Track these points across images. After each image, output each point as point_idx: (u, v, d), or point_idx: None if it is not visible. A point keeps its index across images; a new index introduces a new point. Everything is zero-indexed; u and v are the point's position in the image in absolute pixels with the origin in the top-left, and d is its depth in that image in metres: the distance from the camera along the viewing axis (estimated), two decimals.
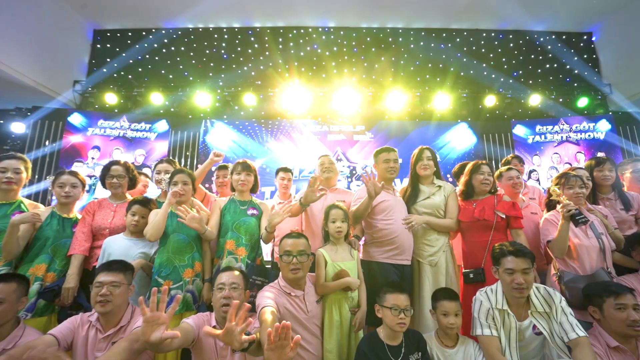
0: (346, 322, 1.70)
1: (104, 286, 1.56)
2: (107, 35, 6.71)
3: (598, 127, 5.87)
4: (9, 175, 1.90)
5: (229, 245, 2.00)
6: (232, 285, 1.61)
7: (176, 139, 6.03)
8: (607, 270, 1.86)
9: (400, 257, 1.99)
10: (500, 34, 6.74)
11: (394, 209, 2.03)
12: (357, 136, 6.09)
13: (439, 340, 1.65)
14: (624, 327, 1.47)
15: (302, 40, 6.63)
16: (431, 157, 2.22)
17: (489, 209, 2.05)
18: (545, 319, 1.58)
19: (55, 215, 1.99)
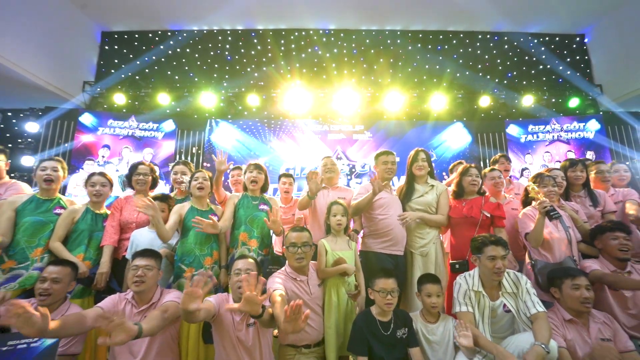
0: (343, 303, 1.99)
1: (139, 269, 1.84)
2: (114, 37, 6.95)
3: (588, 126, 6.13)
4: (49, 172, 2.18)
5: (242, 237, 2.29)
6: (247, 270, 1.88)
7: (182, 138, 6.30)
8: (573, 259, 2.14)
9: (394, 248, 2.27)
10: (495, 37, 6.97)
11: (390, 205, 2.31)
12: (356, 135, 6.36)
13: (423, 318, 1.93)
14: (578, 304, 1.75)
15: (303, 43, 6.88)
16: (425, 159, 2.49)
17: (477, 208, 2.34)
18: (514, 299, 1.86)
19: (89, 211, 2.27)
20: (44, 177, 2.17)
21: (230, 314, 1.79)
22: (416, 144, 6.12)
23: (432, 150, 6.27)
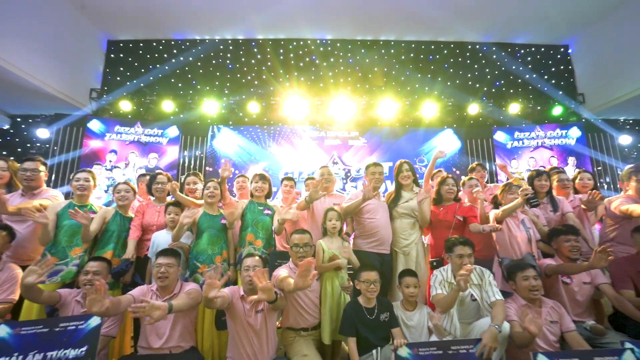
0: (337, 293, 2.35)
1: (162, 266, 2.19)
2: (120, 45, 7.28)
3: (570, 133, 6.54)
4: (82, 183, 2.53)
5: (249, 237, 2.65)
6: (255, 267, 2.24)
7: (186, 144, 6.66)
8: (532, 255, 2.52)
9: (380, 247, 2.64)
10: (484, 47, 7.38)
11: (377, 210, 2.68)
12: (351, 141, 6.74)
13: (403, 306, 2.31)
14: (527, 292, 2.13)
15: (301, 52, 7.25)
16: (409, 169, 2.87)
17: (451, 213, 2.72)
18: (479, 289, 2.24)
19: (117, 214, 2.63)
20: (77, 187, 2.52)
21: (242, 302, 2.15)
22: (409, 150, 6.63)
23: (423, 156, 6.67)
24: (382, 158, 6.64)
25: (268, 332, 2.13)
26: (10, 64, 5.34)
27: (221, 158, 6.55)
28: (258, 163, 6.55)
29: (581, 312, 2.37)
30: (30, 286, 1.89)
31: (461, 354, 1.89)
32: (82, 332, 1.89)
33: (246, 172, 6.35)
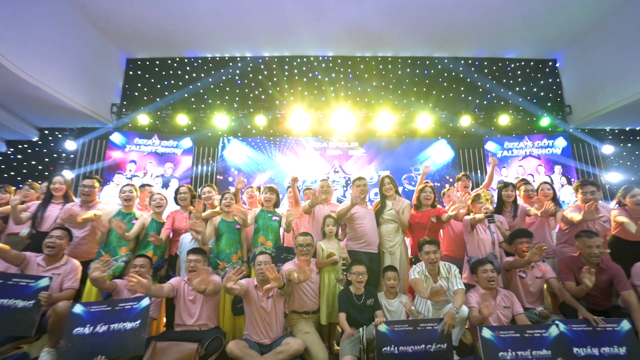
0: (332, 284, 2.93)
1: (192, 262, 2.79)
2: (138, 63, 7.99)
3: (556, 143, 7.06)
4: (127, 195, 3.17)
5: (261, 239, 3.24)
6: (266, 262, 2.83)
7: (199, 154, 7.31)
8: (494, 254, 3.07)
9: (368, 248, 3.21)
10: (476, 62, 7.95)
11: (364, 217, 3.26)
12: (351, 151, 7.33)
13: (385, 295, 2.88)
14: (485, 282, 2.68)
15: (304, 68, 7.89)
16: (390, 182, 3.45)
17: (426, 217, 3.29)
18: (447, 281, 2.80)
19: (153, 221, 3.24)
20: (124, 198, 3.16)
21: (255, 290, 2.74)
22: (405, 159, 7.21)
23: (419, 165, 7.23)
24: (380, 167, 7.22)
25: (277, 314, 2.72)
26: (42, 82, 5.96)
27: (231, 167, 7.18)
28: (265, 172, 7.17)
29: (533, 301, 2.92)
30: (96, 279, 2.52)
31: (427, 330, 2.45)
32: (136, 310, 2.50)
33: (254, 180, 7.01)
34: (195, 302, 2.75)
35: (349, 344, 2.57)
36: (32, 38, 5.73)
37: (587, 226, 2.91)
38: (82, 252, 3.09)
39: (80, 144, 6.99)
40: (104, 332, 2.40)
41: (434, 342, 2.43)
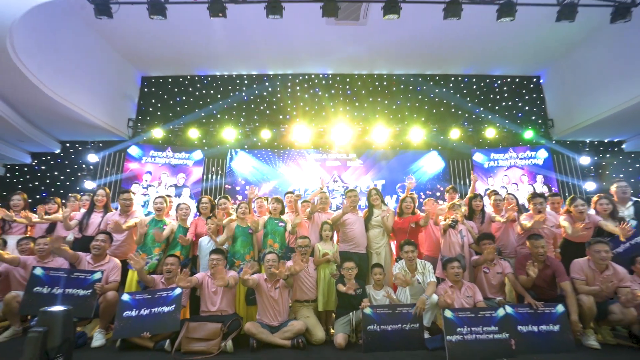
0: (327, 278, 3.59)
1: (214, 260, 3.47)
2: (152, 81, 8.77)
3: (538, 155, 7.73)
4: (159, 206, 3.87)
5: (269, 242, 3.92)
6: (273, 261, 3.50)
7: (209, 165, 8.03)
8: (462, 255, 3.73)
9: (357, 249, 3.88)
10: (465, 78, 8.67)
11: (354, 223, 3.93)
12: (349, 162, 8.03)
13: (373, 287, 3.54)
14: (452, 277, 3.33)
15: (306, 85, 8.63)
16: (377, 194, 4.14)
17: (407, 222, 3.97)
18: (422, 276, 3.46)
19: (180, 227, 3.94)
20: (156, 208, 3.86)
21: (265, 283, 3.40)
22: (399, 169, 7.90)
23: (412, 174, 7.91)
24: (376, 177, 7.91)
25: (283, 302, 3.39)
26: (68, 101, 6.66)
27: (238, 177, 7.90)
28: (269, 181, 7.87)
29: (495, 292, 3.57)
30: (140, 270, 3.21)
31: (403, 313, 3.12)
32: (171, 297, 3.18)
33: (259, 189, 7.70)
34: (217, 293, 3.42)
35: (341, 325, 3.24)
36: (62, 61, 6.47)
37: (537, 231, 3.57)
38: (121, 253, 3.78)
39: (100, 157, 7.72)
40: (147, 314, 3.08)
41: (408, 322, 3.09)
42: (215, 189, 7.90)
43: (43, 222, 4.05)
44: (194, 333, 3.02)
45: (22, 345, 2.15)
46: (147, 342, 3.04)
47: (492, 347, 2.81)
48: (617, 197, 3.94)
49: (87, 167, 7.91)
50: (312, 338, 3.21)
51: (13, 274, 3.60)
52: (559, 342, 2.97)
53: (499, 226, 4.11)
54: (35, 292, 3.06)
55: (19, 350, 2.18)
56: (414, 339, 3.06)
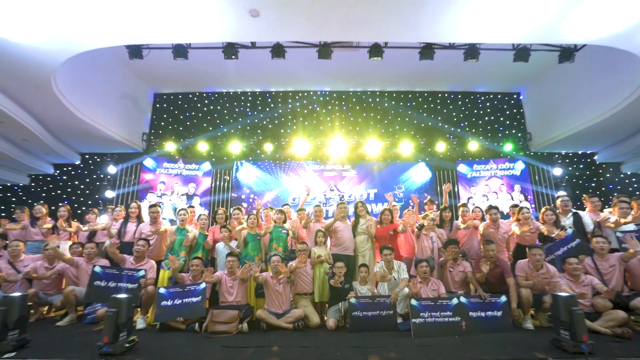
0: (321, 276, 4.51)
1: (230, 261, 4.40)
2: (164, 97, 9.71)
3: (515, 166, 8.66)
4: (183, 217, 4.80)
5: (274, 246, 4.85)
6: (277, 261, 4.42)
7: (217, 175, 8.95)
8: (432, 257, 4.65)
9: (346, 252, 4.81)
10: (452, 95, 9.61)
11: (344, 230, 4.86)
12: (345, 173, 8.95)
13: (359, 283, 4.46)
14: (422, 274, 4.26)
15: (305, 102, 9.57)
16: (362, 206, 5.07)
17: (386, 231, 4.90)
18: (397, 274, 4.39)
19: (201, 234, 4.87)
20: (181, 219, 4.79)
21: (271, 279, 4.33)
22: (390, 179, 8.84)
23: (401, 184, 8.84)
24: (369, 186, 8.84)
25: (286, 294, 4.31)
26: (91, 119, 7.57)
27: (243, 186, 8.83)
28: (272, 190, 8.79)
29: (457, 287, 4.49)
30: (175, 269, 4.14)
31: (381, 302, 4.04)
32: (198, 290, 4.10)
33: (262, 198, 8.61)
34: (232, 287, 4.34)
35: (333, 312, 4.17)
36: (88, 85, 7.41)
37: (489, 237, 4.50)
38: (154, 255, 4.72)
39: (119, 168, 8.65)
40: (179, 303, 4.00)
41: (385, 310, 4.02)
42: (222, 197, 8.83)
43: (89, 231, 4.99)
44: (217, 318, 3.94)
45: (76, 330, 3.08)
46: (180, 325, 3.97)
47: (447, 327, 3.74)
48: (560, 208, 4.88)
49: (105, 177, 8.85)
50: (309, 322, 4.13)
51: (67, 272, 4.54)
52: (500, 324, 3.89)
53: (464, 233, 5.04)
54: (95, 285, 3.99)
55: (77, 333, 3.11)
56: (389, 323, 3.98)
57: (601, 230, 4.58)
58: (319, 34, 5.02)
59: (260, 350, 3.25)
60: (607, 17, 4.60)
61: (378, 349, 3.26)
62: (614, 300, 3.85)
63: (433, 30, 4.78)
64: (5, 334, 3.12)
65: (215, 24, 4.69)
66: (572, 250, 4.47)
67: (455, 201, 8.61)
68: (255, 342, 3.50)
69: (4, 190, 9.18)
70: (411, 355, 3.09)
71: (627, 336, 3.46)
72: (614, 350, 3.12)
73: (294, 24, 4.56)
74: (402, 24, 4.58)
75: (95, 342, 3.10)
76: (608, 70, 7.14)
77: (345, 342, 3.49)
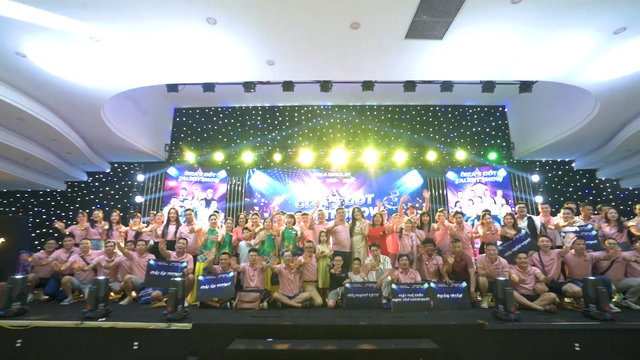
0: (324, 267, 5.80)
1: (252, 256, 5.72)
2: (183, 112, 11.06)
3: (498, 173, 9.88)
4: (213, 221, 6.13)
5: (286, 244, 6.16)
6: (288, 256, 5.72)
7: (231, 182, 10.29)
8: (412, 252, 5.92)
9: (344, 249, 6.09)
10: (442, 108, 10.84)
11: (342, 231, 6.16)
12: (345, 179, 10.23)
13: (353, 272, 5.74)
14: (402, 266, 5.52)
15: (309, 115, 10.86)
16: (358, 211, 6.35)
17: (377, 232, 6.18)
18: (383, 265, 5.67)
19: (227, 234, 6.19)
20: (211, 222, 6.12)
21: (284, 269, 5.63)
22: (385, 185, 10.13)
23: (396, 189, 10.09)
24: (366, 191, 10.12)
25: (296, 281, 5.62)
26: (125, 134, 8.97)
27: (255, 192, 10.15)
28: (280, 195, 10.10)
29: (431, 276, 5.76)
30: (210, 262, 5.48)
31: (369, 287, 5.33)
32: (227, 278, 5.42)
33: (272, 202, 9.92)
34: (254, 276, 5.65)
35: (332, 295, 5.49)
36: (122, 105, 8.76)
37: (456, 237, 5.77)
38: (190, 251, 6.06)
39: (146, 177, 10.02)
40: (214, 287, 5.32)
41: (372, 293, 5.30)
42: (237, 202, 10.16)
43: (137, 231, 6.35)
44: (243, 298, 5.25)
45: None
46: (216, 304, 5.30)
47: (419, 305, 5.01)
48: (518, 214, 6.13)
49: (132, 184, 10.24)
50: (314, 303, 5.44)
51: (123, 264, 5.89)
52: (461, 304, 5.15)
53: (440, 233, 6.31)
54: (151, 274, 5.34)
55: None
56: (375, 302, 5.26)
57: (546, 231, 5.83)
58: (320, 76, 6.30)
59: (278, 319, 4.56)
60: (550, 62, 5.85)
61: (365, 319, 4.55)
62: (549, 285, 5.11)
63: (411, 72, 6.05)
64: (97, 306, 4.46)
65: (240, 70, 6.02)
66: (524, 247, 5.71)
67: (443, 206, 9.88)
68: (273, 315, 4.81)
69: (45, 195, 10.61)
70: (387, 321, 4.39)
71: (552, 311, 4.72)
72: (536, 319, 4.38)
73: (301, 70, 5.85)
74: (386, 68, 5.86)
75: (158, 313, 4.44)
76: (570, 92, 8.33)
77: (342, 315, 4.79)
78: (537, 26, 4.79)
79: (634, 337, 4.08)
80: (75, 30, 4.88)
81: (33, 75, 5.82)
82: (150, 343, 4.20)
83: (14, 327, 4.23)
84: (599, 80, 6.16)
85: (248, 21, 4.61)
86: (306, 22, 4.61)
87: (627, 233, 5.70)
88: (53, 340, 4.24)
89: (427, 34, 4.85)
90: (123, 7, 4.52)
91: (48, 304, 5.60)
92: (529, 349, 4.05)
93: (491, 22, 4.68)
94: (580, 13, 4.44)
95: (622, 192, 10.21)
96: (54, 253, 5.84)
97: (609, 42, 5.04)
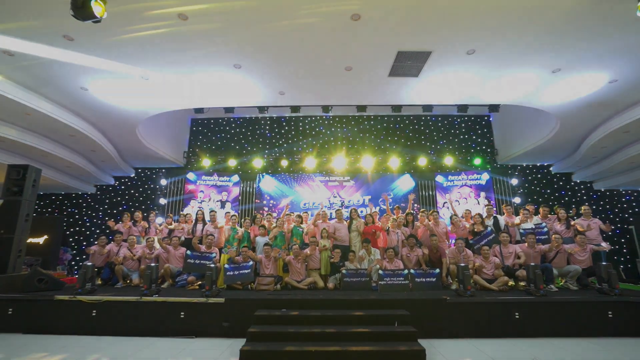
0: (326, 258, 7.26)
1: (266, 249, 7.20)
2: (199, 122, 12.55)
3: (482, 177, 11.28)
4: (234, 219, 7.60)
5: (295, 239, 7.64)
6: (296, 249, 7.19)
7: (243, 186, 11.77)
8: (398, 246, 7.35)
9: (342, 243, 7.52)
10: (432, 118, 12.24)
11: (341, 229, 7.60)
12: (345, 183, 11.68)
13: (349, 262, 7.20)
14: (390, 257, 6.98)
15: (313, 124, 12.30)
16: (355, 212, 7.80)
17: (370, 229, 7.64)
18: (373, 256, 7.12)
19: (245, 231, 7.67)
20: (232, 222, 7.60)
21: (293, 259, 7.10)
22: (381, 188, 11.63)
23: (390, 192, 11.53)
24: (364, 193, 11.56)
25: (302, 269, 7.09)
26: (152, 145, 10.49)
27: (265, 194, 11.62)
28: (287, 197, 11.56)
29: (412, 266, 7.20)
30: (232, 254, 6.98)
31: (361, 272, 6.79)
32: (248, 266, 6.91)
33: (279, 203, 11.40)
34: (268, 265, 7.12)
35: (332, 279, 6.95)
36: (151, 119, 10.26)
37: (433, 232, 7.20)
38: (216, 244, 7.55)
39: (168, 181, 11.54)
40: (237, 273, 6.79)
41: (364, 277, 6.76)
42: (249, 203, 11.65)
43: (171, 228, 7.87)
44: (261, 282, 6.73)
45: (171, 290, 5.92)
46: (239, 286, 6.78)
47: (400, 287, 6.46)
48: (486, 213, 7.55)
49: (155, 187, 11.77)
50: (317, 286, 6.92)
51: (161, 255, 7.39)
52: (434, 286, 6.58)
53: (422, 230, 7.76)
54: (188, 262, 6.83)
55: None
56: (366, 285, 6.71)
57: (507, 228, 7.25)
58: (322, 101, 7.78)
59: (290, 296, 6.03)
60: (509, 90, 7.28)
61: (358, 296, 6.00)
62: (505, 271, 6.54)
63: (396, 98, 7.50)
64: (150, 285, 5.95)
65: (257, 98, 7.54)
66: (490, 241, 7.13)
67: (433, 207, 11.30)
68: (285, 294, 6.28)
69: (77, 197, 12.16)
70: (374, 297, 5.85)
71: (505, 290, 6.15)
72: (489, 295, 5.81)
73: (306, 98, 7.32)
74: (375, 96, 7.32)
75: (195, 293, 5.93)
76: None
77: (339, 294, 6.25)
78: (490, 68, 6.22)
79: (560, 307, 5.51)
80: (130, 72, 6.38)
81: (90, 103, 7.34)
82: (193, 313, 5.69)
83: (90, 301, 5.74)
84: (553, 102, 7.56)
85: (265, 65, 6.09)
86: (310, 66, 6.11)
87: (573, 230, 7.10)
88: (119, 311, 5.75)
89: (405, 73, 6.31)
90: (170, 56, 5.99)
91: (104, 286, 7.11)
92: (480, 317, 5.49)
93: (454, 66, 6.14)
94: (521, 59, 5.86)
95: (594, 193, 11.58)
96: (107, 247, 7.35)
97: (550, 78, 6.46)
